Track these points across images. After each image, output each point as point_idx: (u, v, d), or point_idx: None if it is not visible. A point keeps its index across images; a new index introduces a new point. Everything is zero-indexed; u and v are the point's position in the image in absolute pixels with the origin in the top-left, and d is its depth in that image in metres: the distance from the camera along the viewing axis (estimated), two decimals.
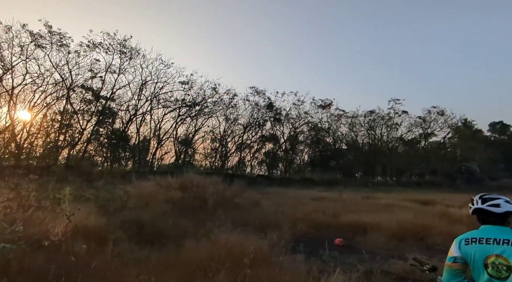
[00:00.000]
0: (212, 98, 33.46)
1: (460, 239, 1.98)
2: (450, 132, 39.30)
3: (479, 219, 2.01)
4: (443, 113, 37.34)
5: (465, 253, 1.92)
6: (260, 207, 11.01)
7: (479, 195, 2.05)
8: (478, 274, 1.88)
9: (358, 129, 40.44)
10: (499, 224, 1.91)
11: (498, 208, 1.90)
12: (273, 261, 4.55)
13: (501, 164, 43.60)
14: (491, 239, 1.85)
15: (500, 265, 1.78)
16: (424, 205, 12.84)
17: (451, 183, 32.29)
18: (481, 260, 1.84)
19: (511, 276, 1.75)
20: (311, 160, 41.23)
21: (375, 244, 7.19)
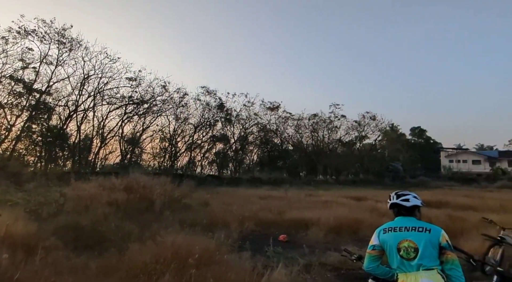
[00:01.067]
0: (161, 96, 31.72)
1: (379, 230, 2.29)
2: (380, 135, 42.90)
3: (394, 212, 2.33)
4: (374, 118, 40.61)
5: (383, 241, 2.22)
6: (209, 207, 10.87)
7: (394, 192, 2.38)
8: (392, 258, 2.17)
9: (303, 131, 42.03)
10: (408, 215, 2.24)
11: (408, 202, 2.24)
12: (220, 260, 4.53)
13: (419, 163, 48.96)
14: (403, 227, 2.16)
15: (409, 248, 2.07)
16: (358, 201, 13.75)
17: (380, 181, 35.20)
18: (395, 245, 2.13)
19: (418, 257, 2.03)
20: (260, 160, 41.86)
21: (315, 239, 7.54)
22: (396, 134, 47.23)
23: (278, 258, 5.35)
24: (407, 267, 2.07)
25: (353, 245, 6.61)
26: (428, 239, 2.04)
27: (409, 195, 2.29)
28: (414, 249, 2.05)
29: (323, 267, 5.13)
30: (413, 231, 2.11)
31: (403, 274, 2.09)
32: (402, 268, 2.09)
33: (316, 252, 6.03)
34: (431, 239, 2.04)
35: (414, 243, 2.06)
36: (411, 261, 2.04)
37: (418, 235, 2.08)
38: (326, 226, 8.27)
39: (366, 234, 8.00)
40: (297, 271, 4.56)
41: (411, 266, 2.04)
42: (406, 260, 2.06)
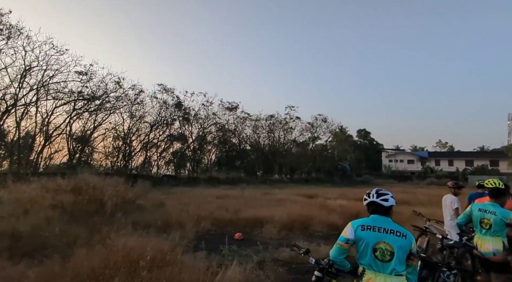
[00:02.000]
0: (115, 92, 29.18)
1: (357, 225, 2.23)
2: (330, 137, 45.02)
3: (370, 209, 2.32)
4: (326, 120, 42.49)
5: (359, 237, 2.18)
6: (165, 207, 10.49)
7: (375, 190, 2.34)
8: (365, 255, 2.15)
9: (261, 132, 42.49)
10: (384, 215, 2.24)
11: (386, 202, 2.24)
12: (174, 260, 4.39)
13: (364, 163, 52.45)
14: (382, 229, 2.15)
15: (386, 250, 2.09)
16: (310, 198, 14.32)
17: (330, 179, 37.00)
18: (372, 245, 2.13)
19: (393, 261, 2.06)
20: (218, 160, 41.45)
21: (269, 236, 7.67)
22: (345, 135, 49.99)
23: (233, 256, 5.34)
24: (379, 268, 2.09)
25: (304, 240, 6.86)
26: (403, 244, 2.08)
27: (388, 194, 2.29)
28: (390, 252, 2.07)
29: (275, 263, 5.23)
30: (391, 235, 2.12)
31: (372, 272, 2.11)
32: (373, 267, 2.11)
33: (270, 248, 6.13)
34: (405, 245, 2.09)
35: (390, 247, 2.08)
36: (385, 263, 2.07)
37: (395, 239, 2.10)
38: (280, 223, 8.45)
39: (316, 229, 8.36)
40: (251, 268, 4.60)
41: (384, 268, 2.07)
42: (380, 261, 2.09)
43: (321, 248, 6.05)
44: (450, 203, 5.52)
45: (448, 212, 5.53)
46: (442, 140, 72.93)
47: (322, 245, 6.33)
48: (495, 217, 3.50)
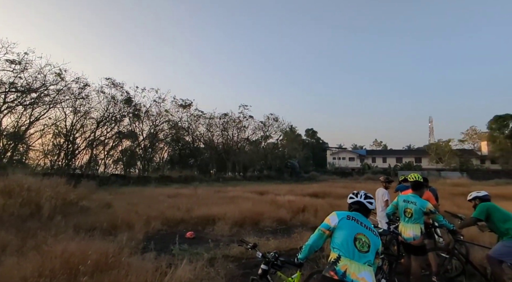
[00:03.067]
0: (55, 85, 26.02)
1: (343, 215, 2.37)
2: (281, 135, 46.44)
3: (352, 207, 2.49)
4: (277, 120, 43.76)
5: (343, 224, 2.31)
6: (112, 208, 9.82)
7: (363, 192, 2.53)
8: (345, 243, 2.24)
9: (214, 130, 42.10)
10: (365, 215, 2.44)
11: (371, 205, 2.45)
12: (120, 263, 4.14)
13: (311, 160, 55.03)
14: (363, 224, 2.34)
15: (365, 242, 2.23)
16: (261, 195, 14.56)
17: (280, 176, 38.14)
18: (353, 234, 2.25)
19: (369, 253, 2.20)
20: (171, 158, 40.03)
21: (221, 233, 7.63)
22: (294, 134, 51.84)
23: (184, 255, 5.22)
24: (356, 257, 2.18)
25: (254, 236, 6.97)
26: (376, 242, 2.26)
27: (372, 199, 2.51)
28: (368, 245, 2.22)
29: (226, 259, 5.23)
30: (370, 232, 2.29)
31: (348, 260, 2.17)
32: (350, 255, 2.19)
33: (221, 245, 6.11)
34: (377, 243, 2.27)
35: (368, 240, 2.24)
36: (362, 253, 2.20)
37: (371, 236, 2.27)
38: (232, 220, 8.47)
39: (266, 224, 8.53)
40: (201, 266, 4.54)
41: (360, 258, 2.18)
42: (358, 251, 2.20)
43: (270, 242, 6.20)
44: (381, 196, 6.06)
45: (380, 204, 6.06)
46: (378, 140, 79.78)
47: (271, 239, 6.48)
48: (415, 207, 3.95)
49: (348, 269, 2.10)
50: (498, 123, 45.67)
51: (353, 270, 2.09)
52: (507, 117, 45.27)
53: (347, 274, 2.08)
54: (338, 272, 2.10)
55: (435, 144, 53.13)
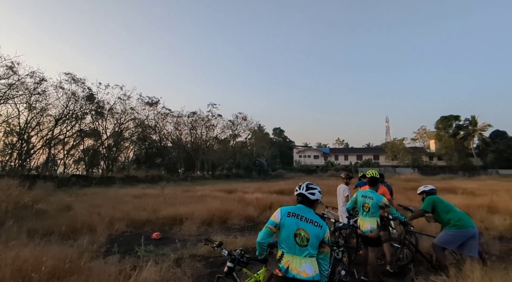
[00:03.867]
0: (6, 79, 23.57)
1: (285, 211, 2.39)
2: (250, 134, 46.54)
3: (298, 200, 2.50)
4: (245, 119, 43.74)
5: (284, 222, 2.34)
6: (72, 211, 9.18)
7: (306, 184, 2.52)
8: (287, 239, 2.31)
9: (182, 128, 41.12)
10: (309, 206, 2.44)
11: (313, 196, 2.44)
12: (80, 268, 3.89)
13: (278, 158, 55.95)
14: (304, 217, 2.34)
15: (304, 237, 2.28)
16: (229, 193, 14.49)
17: (249, 174, 38.30)
18: (294, 230, 2.30)
19: (309, 245, 2.26)
20: (137, 158, 38.37)
21: (188, 232, 7.48)
22: (262, 133, 52.30)
23: (150, 257, 5.04)
24: (297, 251, 2.26)
25: (222, 234, 6.92)
26: (318, 233, 2.29)
27: (316, 189, 2.48)
28: (307, 239, 2.26)
29: (193, 259, 5.14)
30: (310, 224, 2.31)
31: (290, 255, 2.27)
32: (292, 250, 2.28)
33: (188, 245, 5.99)
34: (320, 233, 2.30)
35: (307, 234, 2.27)
36: (302, 247, 2.26)
37: (312, 228, 2.30)
38: (200, 219, 8.34)
39: (233, 222, 8.52)
40: (168, 266, 4.42)
41: (301, 252, 2.26)
42: (298, 245, 2.27)
43: (238, 240, 6.20)
44: (342, 192, 6.32)
45: (341, 199, 6.33)
46: (340, 139, 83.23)
47: (239, 237, 6.49)
48: (372, 201, 4.18)
49: (290, 265, 2.22)
50: (443, 123, 49.80)
51: (294, 265, 2.21)
52: (451, 118, 49.52)
53: (289, 270, 2.20)
54: (282, 269, 2.23)
55: (391, 142, 56.61)
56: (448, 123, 49.48)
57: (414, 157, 51.46)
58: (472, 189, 16.94)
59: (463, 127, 49.04)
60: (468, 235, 4.02)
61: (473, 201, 10.64)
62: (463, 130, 48.93)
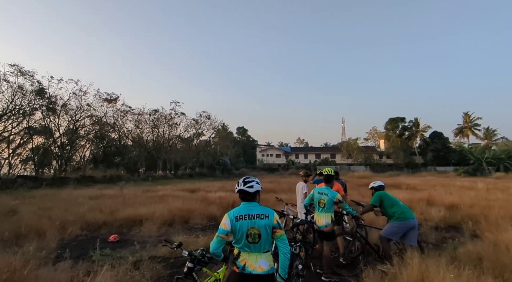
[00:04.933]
0: None
1: (232, 217, 2.34)
2: (213, 133, 45.88)
3: (240, 196, 2.45)
4: (209, 117, 42.89)
5: (236, 227, 2.31)
6: (17, 215, 8.29)
7: (242, 179, 2.47)
8: (241, 241, 2.31)
9: (144, 126, 39.26)
10: (251, 200, 2.41)
11: (251, 188, 2.40)
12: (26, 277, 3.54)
13: (242, 157, 56.10)
14: (251, 215, 2.33)
15: (255, 234, 2.29)
16: (192, 192, 14.18)
17: (212, 173, 37.81)
18: (245, 232, 2.29)
19: (261, 241, 2.28)
20: (94, 157, 35.84)
21: (148, 233, 7.18)
22: (226, 132, 51.96)
23: (106, 261, 4.74)
24: (251, 249, 2.29)
25: (183, 234, 6.74)
26: (267, 223, 2.30)
27: (253, 181, 2.43)
28: (258, 235, 2.28)
29: (153, 260, 4.94)
30: (257, 219, 2.30)
31: (246, 253, 2.30)
32: (247, 249, 2.30)
33: (148, 246, 5.75)
34: (269, 223, 2.31)
35: (258, 230, 2.28)
36: (256, 244, 2.28)
37: (260, 222, 2.30)
38: (161, 219, 8.05)
39: (196, 222, 8.36)
40: (125, 270, 4.19)
41: (255, 248, 2.28)
42: (251, 243, 2.28)
43: (200, 239, 6.09)
44: (301, 189, 6.50)
45: (300, 196, 6.50)
46: (301, 138, 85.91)
47: (201, 236, 6.38)
48: (327, 198, 4.36)
49: (247, 262, 2.28)
50: (391, 124, 53.77)
51: (251, 262, 2.27)
52: (398, 120, 53.64)
53: (245, 267, 2.26)
54: (239, 266, 2.28)
55: (346, 142, 59.72)
56: (396, 124, 53.51)
57: (367, 156, 54.81)
58: (414, 185, 18.55)
59: (408, 128, 53.35)
60: (409, 226, 4.39)
61: (415, 195, 11.63)
62: (408, 131, 53.24)
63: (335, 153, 61.75)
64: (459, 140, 55.37)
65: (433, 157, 49.92)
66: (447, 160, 48.32)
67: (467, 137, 53.70)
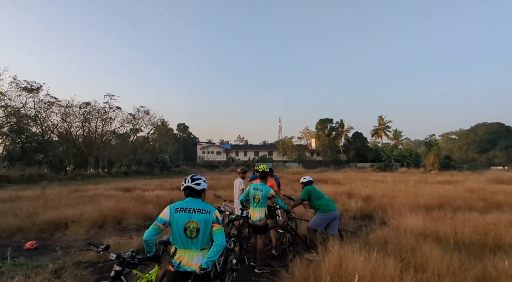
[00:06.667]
0: None
1: (173, 208, 2.28)
2: (152, 129, 42.92)
3: (186, 193, 2.40)
4: (148, 113, 40.11)
5: (174, 218, 2.24)
6: None
7: (190, 176, 2.43)
8: (178, 235, 2.23)
9: (73, 120, 34.76)
10: (197, 197, 2.38)
11: (198, 186, 2.37)
12: None
13: (182, 154, 54.16)
14: (192, 209, 2.27)
15: (193, 228, 2.22)
16: (127, 191, 13.06)
17: (151, 171, 35.52)
18: (183, 224, 2.22)
19: (199, 236, 2.22)
20: (9, 153, 30.26)
21: (75, 237, 6.42)
22: (166, 128, 49.41)
23: (19, 271, 4.06)
24: (188, 245, 2.22)
25: (115, 236, 6.20)
26: (207, 218, 2.26)
27: (201, 179, 2.43)
28: (197, 229, 2.21)
29: (78, 266, 4.42)
30: (198, 213, 2.26)
31: (182, 250, 2.23)
32: (184, 244, 2.22)
33: (73, 251, 5.13)
34: (209, 218, 2.27)
35: (197, 224, 2.22)
36: (193, 239, 2.20)
37: (200, 216, 2.25)
38: (89, 221, 7.27)
39: (130, 222, 7.76)
40: (43, 279, 3.68)
41: (192, 244, 2.21)
42: (189, 238, 2.20)
43: (133, 240, 5.67)
44: (238, 185, 6.58)
45: (237, 192, 6.57)
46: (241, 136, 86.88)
47: (135, 237, 5.94)
48: (262, 193, 4.49)
49: (183, 259, 2.24)
50: (321, 125, 58.25)
51: (186, 259, 2.23)
52: (326, 121, 58.35)
53: (181, 264, 2.22)
54: (174, 264, 2.23)
55: (282, 140, 62.54)
56: (325, 125, 58.14)
57: (300, 153, 58.34)
58: (339, 179, 20.49)
59: (335, 128, 58.42)
60: (332, 217, 4.82)
61: (338, 189, 12.84)
62: (335, 131, 58.28)
63: (272, 150, 64.07)
64: (375, 140, 62.98)
65: (355, 154, 55.72)
66: (365, 157, 54.48)
67: (381, 138, 61.41)
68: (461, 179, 18.48)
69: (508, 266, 3.42)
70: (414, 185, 14.92)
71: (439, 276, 3.20)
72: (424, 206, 8.33)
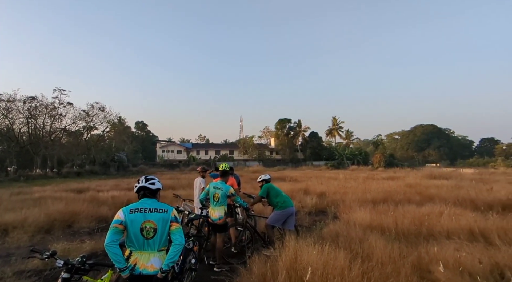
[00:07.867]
0: None
1: (127, 209, 2.19)
2: (108, 127, 39.79)
3: (140, 194, 2.29)
4: (103, 109, 37.09)
5: (129, 219, 2.13)
6: None
7: (144, 177, 2.34)
8: (134, 236, 2.13)
9: (15, 116, 30.80)
10: (152, 197, 2.29)
11: (153, 185, 2.29)
12: None
13: (140, 153, 51.33)
14: (147, 209, 2.18)
15: (150, 228, 2.13)
16: (79, 193, 11.92)
17: (106, 171, 33.02)
18: (139, 225, 2.12)
19: (156, 236, 2.13)
20: None
21: (16, 244, 5.73)
22: (123, 126, 46.34)
23: None
24: (145, 246, 2.13)
25: (65, 240, 5.67)
26: (165, 217, 2.18)
27: (155, 179, 2.36)
28: (154, 229, 2.13)
29: (20, 276, 3.96)
30: (155, 213, 2.19)
31: (138, 252, 2.14)
32: (139, 246, 2.13)
33: (14, 260, 4.57)
34: (166, 217, 2.19)
35: (154, 224, 2.14)
36: (150, 240, 2.11)
37: (157, 215, 2.17)
38: (34, 226, 6.54)
39: (82, 225, 7.17)
40: None
41: (149, 246, 2.12)
42: (146, 239, 2.11)
43: (85, 245, 5.25)
44: (199, 184, 6.45)
45: (197, 191, 6.44)
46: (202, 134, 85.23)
47: (87, 241, 5.49)
48: (222, 192, 4.44)
49: (138, 261, 2.15)
50: (280, 125, 59.72)
51: (142, 261, 2.15)
52: (285, 121, 59.97)
53: (136, 267, 2.14)
54: (129, 267, 2.14)
55: (243, 139, 62.75)
56: (284, 124, 59.68)
57: (260, 152, 59.05)
58: (296, 177, 21.17)
59: (293, 128, 60.25)
60: (289, 213, 4.97)
61: (295, 186, 13.24)
62: (293, 130, 60.09)
63: (234, 149, 63.94)
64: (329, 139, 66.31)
65: (311, 153, 58.13)
66: (321, 156, 57.18)
67: (334, 137, 64.89)
68: (402, 176, 20.30)
69: (437, 252, 3.84)
70: (363, 182, 15.97)
71: (382, 264, 3.44)
72: (371, 200, 8.86)
